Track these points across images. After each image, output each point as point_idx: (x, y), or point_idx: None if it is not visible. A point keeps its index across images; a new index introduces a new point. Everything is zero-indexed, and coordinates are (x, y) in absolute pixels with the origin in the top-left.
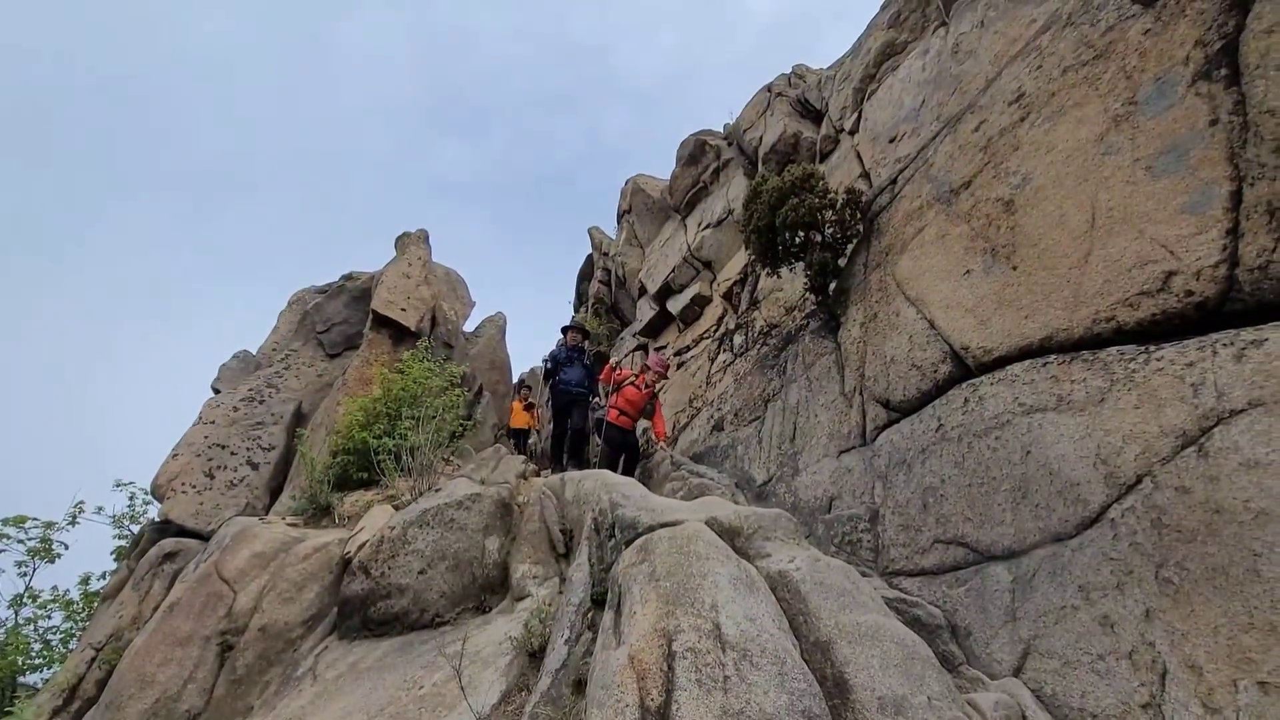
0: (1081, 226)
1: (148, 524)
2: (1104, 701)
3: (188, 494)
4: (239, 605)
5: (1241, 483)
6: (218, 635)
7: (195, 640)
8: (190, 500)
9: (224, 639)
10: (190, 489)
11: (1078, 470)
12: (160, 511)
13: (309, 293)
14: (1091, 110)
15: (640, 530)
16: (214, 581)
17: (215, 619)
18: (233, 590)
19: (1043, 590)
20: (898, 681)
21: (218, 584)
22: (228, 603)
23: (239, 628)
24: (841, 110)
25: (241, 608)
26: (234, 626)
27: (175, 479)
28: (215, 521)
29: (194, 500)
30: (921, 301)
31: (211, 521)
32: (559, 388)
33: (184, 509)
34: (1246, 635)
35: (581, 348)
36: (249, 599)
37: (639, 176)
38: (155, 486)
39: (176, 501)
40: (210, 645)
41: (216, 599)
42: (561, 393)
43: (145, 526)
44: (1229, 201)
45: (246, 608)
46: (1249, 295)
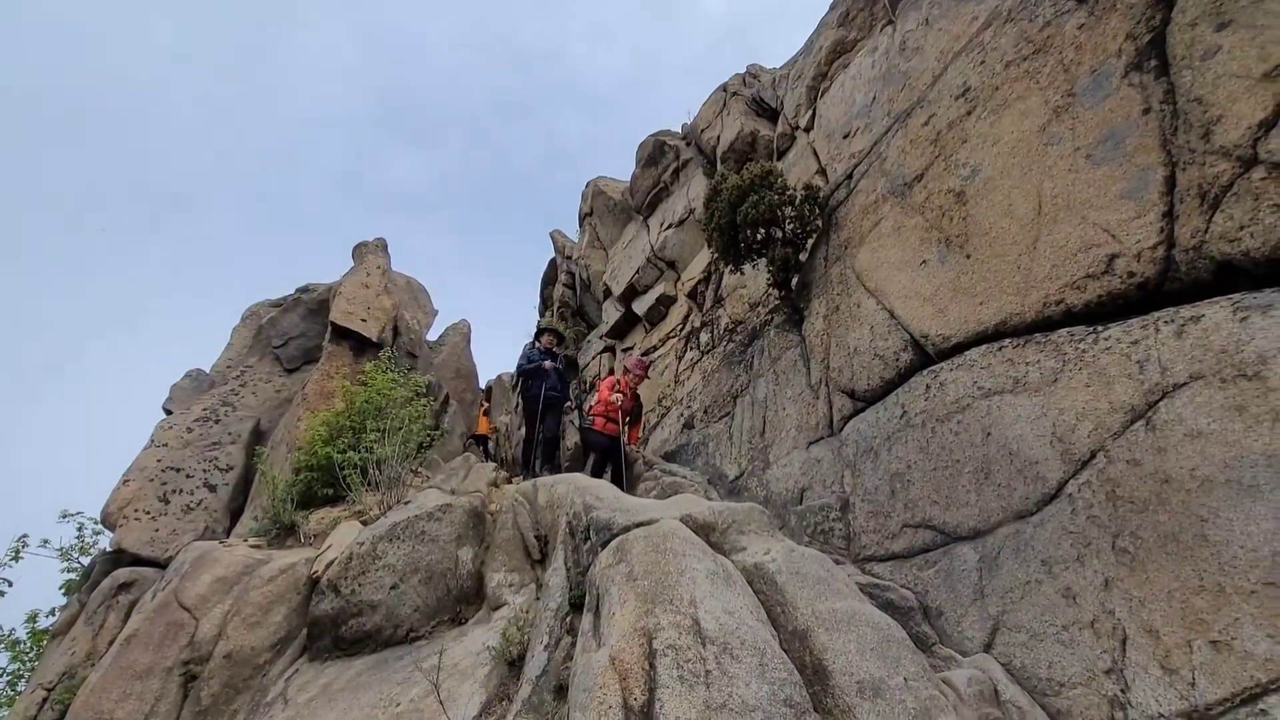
0: (1029, 214)
1: (99, 555)
2: (1070, 670)
3: (141, 521)
4: (202, 633)
5: (1187, 452)
6: (180, 665)
7: (156, 672)
8: (144, 527)
9: (187, 669)
10: (144, 515)
11: (1035, 449)
12: (112, 541)
13: (263, 306)
14: (1034, 102)
15: (615, 531)
16: (174, 610)
17: (177, 649)
18: (194, 618)
19: (1008, 567)
20: (875, 665)
21: (178, 612)
22: (189, 631)
23: (202, 656)
24: (796, 108)
25: (204, 635)
26: (197, 655)
27: (127, 506)
28: (172, 548)
29: (148, 527)
30: (881, 292)
31: (168, 548)
32: (531, 392)
33: (138, 537)
34: (1198, 597)
35: (555, 351)
36: (212, 626)
37: (599, 179)
38: (106, 515)
39: (129, 529)
40: (172, 676)
41: (177, 628)
42: (533, 398)
43: (96, 557)
44: (1164, 186)
45: (210, 635)
46: (1185, 274)
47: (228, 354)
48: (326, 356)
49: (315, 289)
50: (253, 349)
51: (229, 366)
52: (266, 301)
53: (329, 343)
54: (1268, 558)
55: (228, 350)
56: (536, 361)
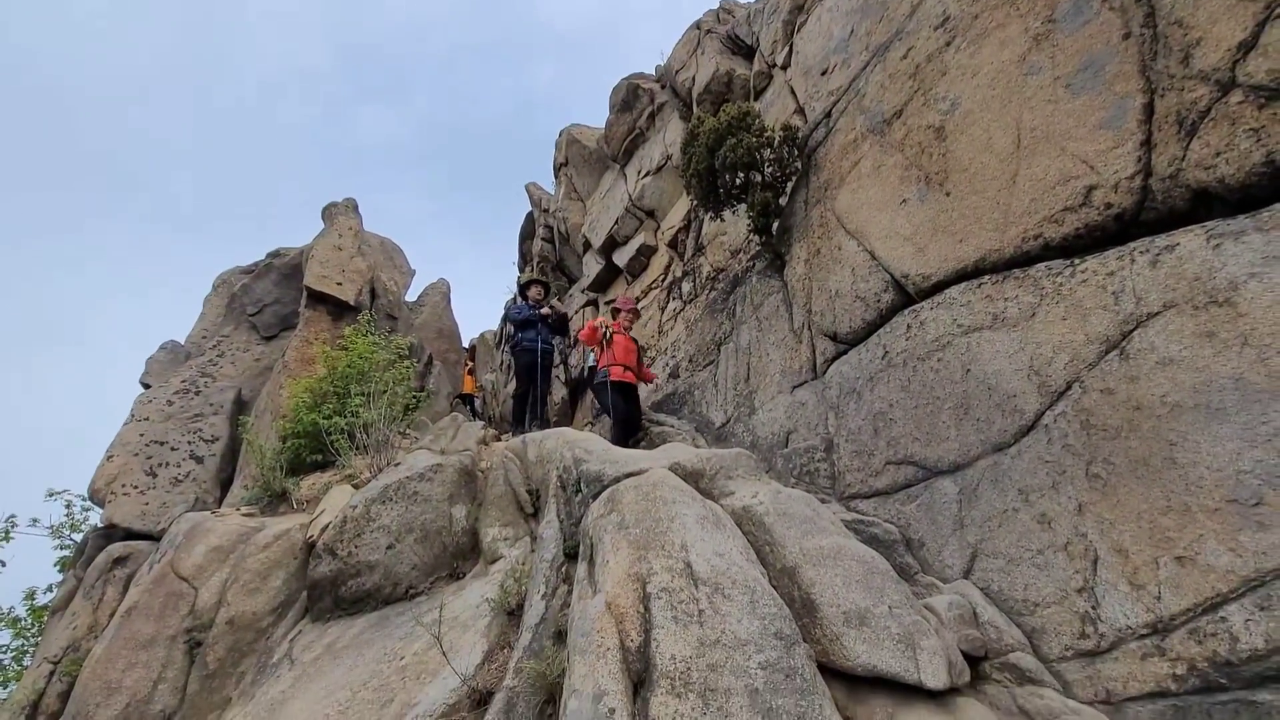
0: (1008, 148)
1: (91, 530)
2: (1044, 591)
3: (130, 495)
4: (202, 601)
5: (1158, 379)
6: (183, 634)
7: (160, 641)
8: (134, 501)
9: (190, 636)
10: (132, 490)
11: (1013, 383)
12: (103, 516)
13: (234, 274)
14: (1013, 30)
15: (606, 482)
16: (172, 580)
17: (178, 618)
18: (193, 587)
19: (986, 497)
20: (860, 595)
21: (176, 583)
22: (189, 600)
23: (205, 624)
24: (772, 45)
25: (205, 603)
26: (199, 623)
27: (114, 481)
28: (164, 520)
29: (138, 501)
30: (861, 234)
31: (160, 521)
32: (521, 346)
33: (128, 511)
34: (1165, 517)
35: (547, 307)
36: (211, 594)
37: (573, 127)
38: (93, 491)
39: (119, 504)
40: (177, 644)
41: (177, 598)
42: (524, 351)
43: (89, 533)
44: (1142, 114)
45: (210, 603)
46: (1162, 203)
47: (202, 324)
48: (304, 322)
49: (286, 253)
50: (227, 318)
51: (204, 337)
52: (237, 268)
53: (305, 308)
54: (1231, 476)
55: (201, 320)
56: (527, 314)
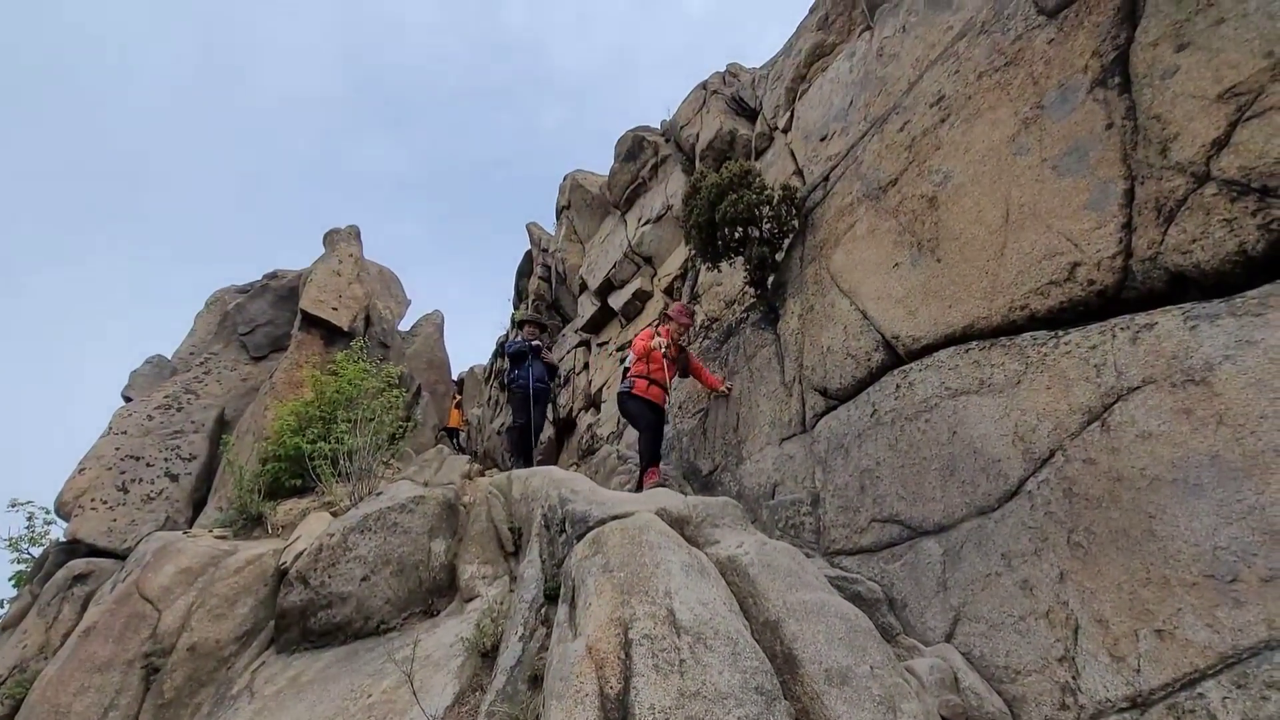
0: (997, 221)
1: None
2: (1025, 658)
3: (98, 510)
4: (164, 625)
5: (1138, 452)
6: (141, 658)
7: (116, 665)
8: (101, 517)
9: (149, 661)
10: (101, 505)
11: (998, 447)
12: (67, 531)
13: (229, 292)
14: (1004, 113)
15: (591, 524)
16: (135, 601)
17: (138, 641)
18: (156, 609)
19: (970, 560)
20: (842, 654)
21: (139, 604)
22: (151, 623)
23: (165, 649)
24: (775, 109)
25: (167, 627)
26: (159, 648)
27: (83, 495)
28: (131, 538)
29: (105, 517)
30: (855, 293)
31: (127, 539)
32: (518, 383)
33: (94, 527)
34: (1145, 589)
35: (539, 341)
36: (175, 618)
37: (577, 172)
38: (60, 504)
39: (85, 519)
40: (133, 669)
41: (139, 620)
42: (520, 388)
43: (49, 548)
44: (1124, 199)
45: (173, 627)
46: (1142, 283)
47: (191, 340)
48: (296, 345)
49: (284, 275)
50: (218, 336)
51: (192, 353)
52: (233, 287)
53: (299, 331)
54: (1208, 552)
55: (191, 336)
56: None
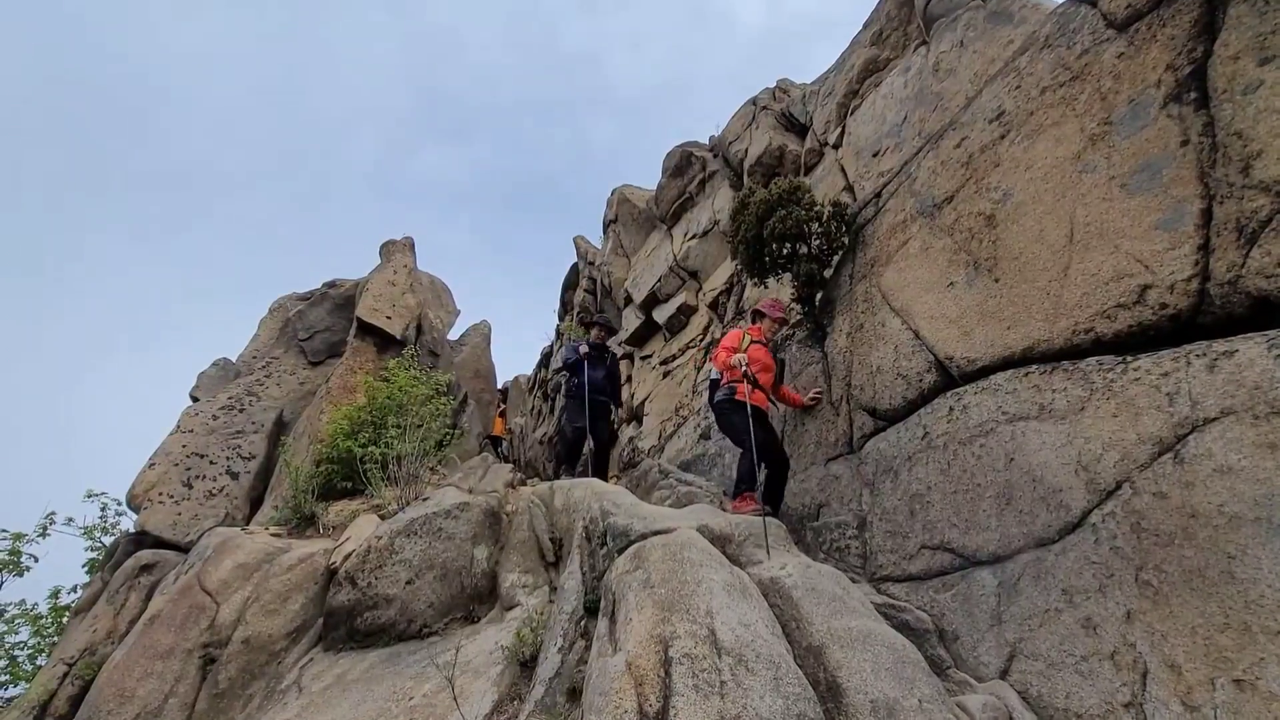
0: (1060, 241)
1: (122, 535)
2: (1088, 702)
3: (165, 504)
4: (221, 617)
5: (1216, 488)
6: (199, 648)
7: (176, 653)
8: (168, 511)
9: (206, 652)
10: (168, 499)
11: (1059, 477)
12: (136, 522)
13: (291, 300)
14: (1069, 129)
15: (633, 538)
16: (196, 593)
17: (197, 631)
18: (215, 602)
19: (1027, 594)
20: (890, 685)
21: (200, 595)
22: (210, 615)
23: (221, 640)
24: (825, 124)
25: (224, 620)
26: (216, 639)
27: (152, 489)
28: (193, 532)
29: (171, 511)
30: (906, 312)
31: (189, 532)
32: (580, 391)
33: (161, 519)
34: (1222, 635)
35: (605, 346)
36: (232, 611)
37: (625, 187)
38: (131, 497)
39: (153, 512)
40: (192, 658)
41: (198, 611)
42: (579, 394)
43: (119, 538)
44: (1200, 219)
45: (229, 620)
46: (1220, 308)
47: (254, 345)
48: (351, 351)
49: (342, 284)
50: (279, 341)
51: (255, 357)
52: (294, 295)
53: (354, 338)
54: None
55: (254, 341)
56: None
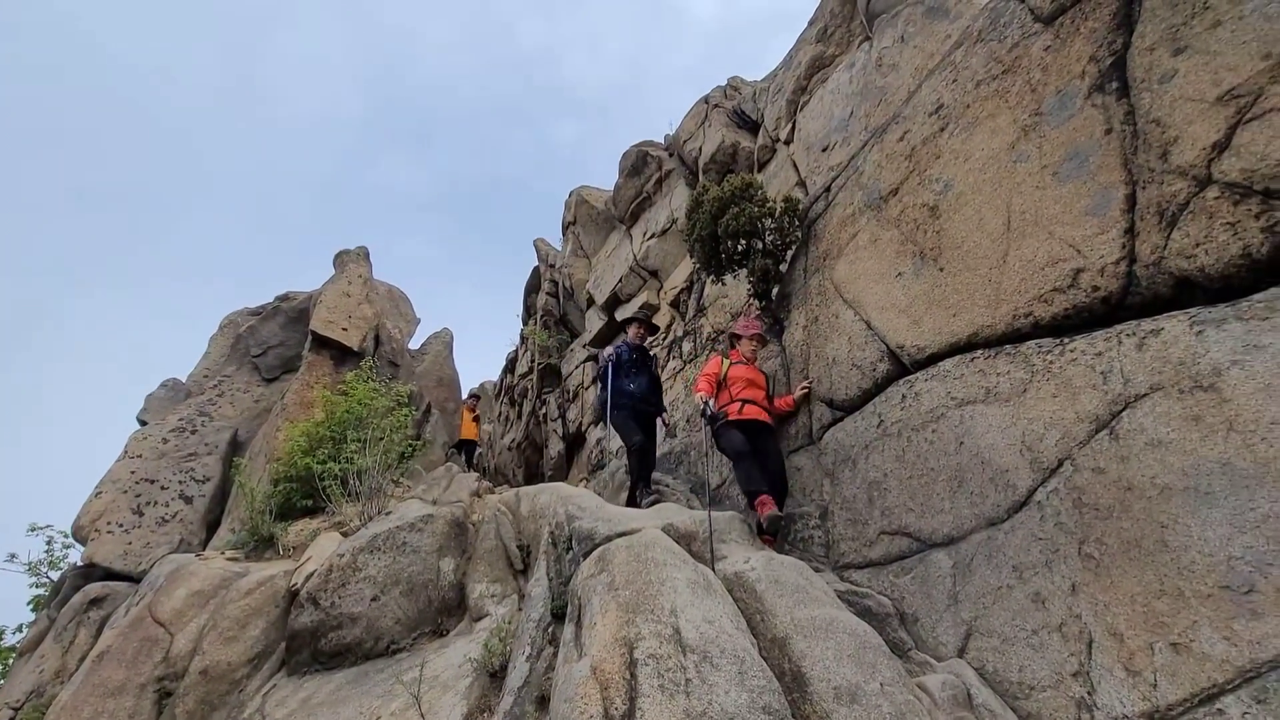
0: (999, 229)
1: (69, 569)
2: (1039, 673)
3: (114, 534)
4: (177, 648)
5: (1148, 461)
6: (154, 682)
7: (129, 689)
8: (117, 540)
9: (161, 686)
10: (117, 528)
11: (1006, 457)
12: (84, 554)
13: (242, 315)
14: (1003, 121)
15: (598, 541)
16: (148, 625)
17: (151, 665)
18: (169, 633)
19: (980, 573)
20: (852, 671)
21: (152, 627)
22: (164, 647)
23: (177, 672)
24: (776, 121)
25: (180, 651)
26: (172, 671)
27: (100, 518)
28: (146, 561)
29: (121, 540)
30: (859, 303)
31: (142, 561)
32: (625, 399)
33: (110, 550)
34: (1159, 601)
35: (645, 348)
36: (188, 641)
37: (583, 188)
38: (77, 528)
39: (102, 543)
40: (146, 693)
41: (151, 643)
42: (629, 405)
43: (67, 572)
44: (1125, 204)
45: (185, 650)
46: (1146, 289)
47: (205, 363)
48: (306, 366)
49: (295, 297)
50: (230, 358)
51: (206, 376)
52: (245, 310)
53: (309, 352)
54: (1223, 562)
55: (205, 359)
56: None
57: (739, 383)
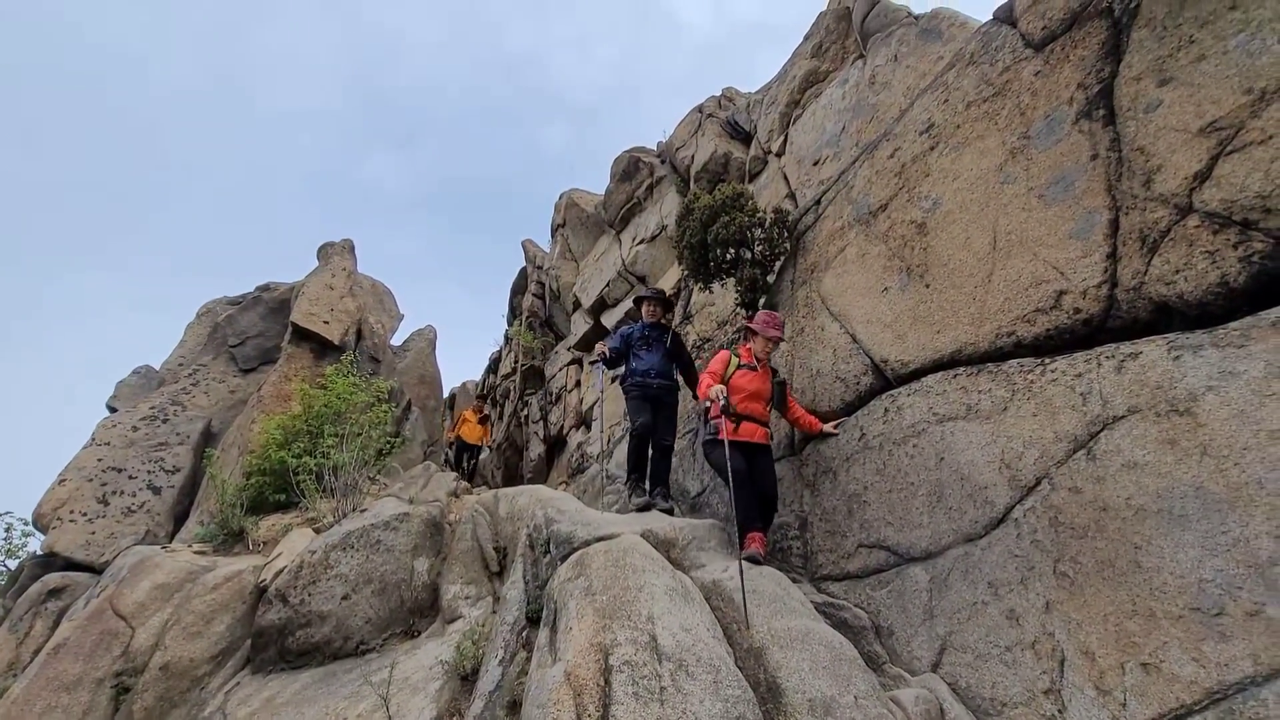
0: (985, 248)
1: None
2: (1012, 690)
3: (77, 523)
4: (137, 643)
5: (1124, 482)
6: (112, 677)
7: (85, 684)
8: (79, 530)
9: (119, 681)
10: (80, 517)
11: (985, 474)
12: (44, 543)
13: (220, 304)
14: (992, 142)
15: (576, 545)
16: (108, 618)
17: (109, 659)
18: (130, 627)
19: (956, 588)
20: (826, 683)
21: (113, 620)
22: (124, 641)
23: (137, 667)
24: (769, 133)
25: (140, 645)
26: (131, 666)
27: (62, 506)
28: (109, 552)
29: (84, 530)
30: (844, 317)
31: (105, 552)
32: (634, 379)
33: (72, 539)
34: (1131, 621)
35: (662, 325)
36: (149, 635)
37: (573, 191)
38: (38, 515)
39: (63, 531)
40: (103, 688)
41: (111, 637)
42: (636, 385)
43: (25, 561)
44: (1108, 228)
45: (146, 645)
46: (1126, 313)
47: (180, 351)
48: (285, 358)
49: (276, 288)
50: (207, 347)
51: (181, 365)
52: (224, 299)
53: (289, 344)
54: (1194, 584)
55: (180, 347)
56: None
57: (740, 394)
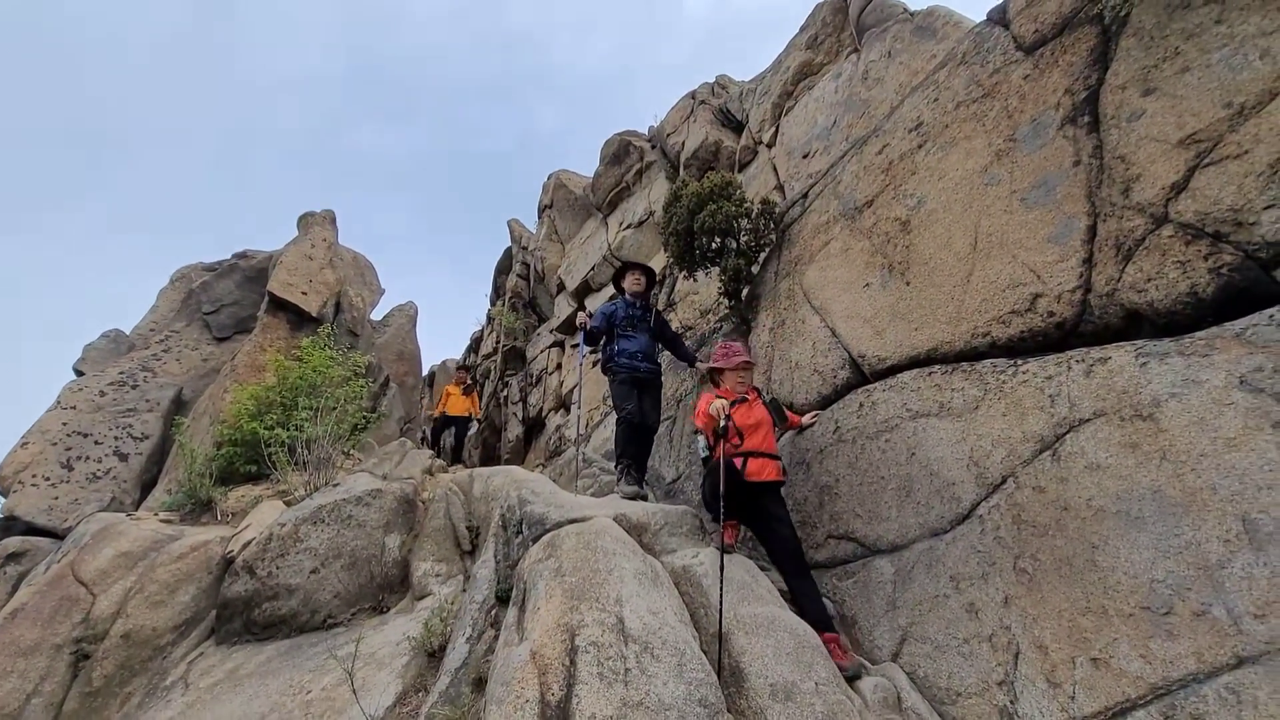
0: (965, 248)
1: None
2: (967, 681)
3: (39, 487)
4: (98, 610)
5: (1085, 483)
6: (71, 643)
7: (43, 650)
8: (42, 494)
9: (79, 647)
10: (43, 481)
11: (954, 471)
12: (4, 507)
13: (196, 270)
14: (979, 143)
15: (548, 526)
16: (68, 584)
17: (69, 625)
18: (91, 593)
19: (920, 581)
20: (789, 669)
21: (73, 586)
22: (84, 607)
23: (97, 634)
24: (760, 123)
25: (101, 612)
26: (92, 633)
27: (24, 470)
28: (72, 518)
29: (46, 494)
30: (825, 310)
31: (68, 518)
32: (619, 361)
33: (34, 504)
34: (1084, 617)
35: (646, 299)
36: (111, 603)
37: (562, 172)
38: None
39: (25, 495)
40: (61, 655)
41: (71, 603)
42: (623, 367)
43: None
44: (1086, 234)
45: (107, 612)
46: (1098, 318)
47: (152, 316)
48: (261, 328)
49: (254, 256)
50: (180, 313)
51: (152, 330)
52: (200, 264)
53: (265, 314)
54: (1145, 584)
55: (152, 313)
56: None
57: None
